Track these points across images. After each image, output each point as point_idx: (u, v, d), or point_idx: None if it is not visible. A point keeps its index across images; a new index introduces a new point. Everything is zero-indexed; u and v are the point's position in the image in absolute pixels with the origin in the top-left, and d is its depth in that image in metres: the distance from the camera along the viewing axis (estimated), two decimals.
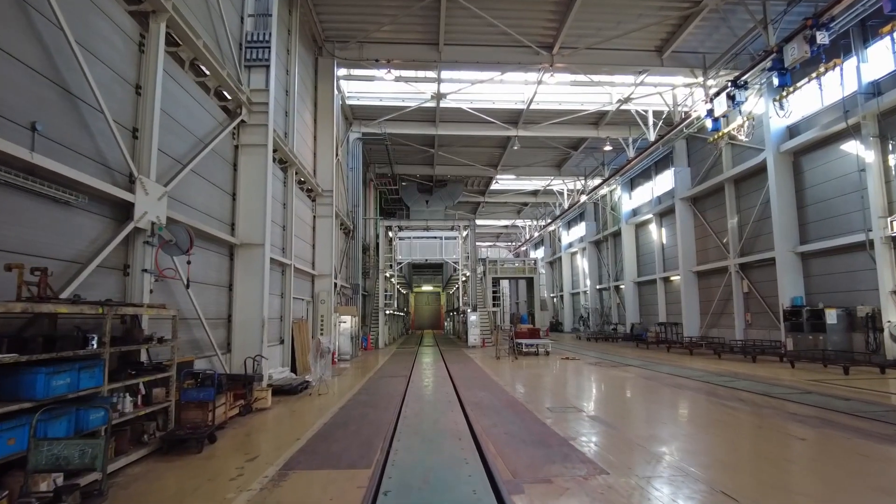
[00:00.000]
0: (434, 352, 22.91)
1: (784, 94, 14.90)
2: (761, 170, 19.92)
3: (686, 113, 21.38)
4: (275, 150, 12.97)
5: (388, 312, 28.68)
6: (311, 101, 18.03)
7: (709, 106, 18.48)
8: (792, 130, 18.55)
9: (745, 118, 17.43)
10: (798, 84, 14.54)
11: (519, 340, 19.19)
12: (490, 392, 10.15)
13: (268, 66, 11.08)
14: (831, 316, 15.93)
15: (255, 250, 10.40)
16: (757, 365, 15.32)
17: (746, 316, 21.57)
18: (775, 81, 15.02)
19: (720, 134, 18.74)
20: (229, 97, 10.14)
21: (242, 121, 10.63)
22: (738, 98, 17.03)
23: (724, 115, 18.56)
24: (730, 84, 17.07)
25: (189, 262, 7.25)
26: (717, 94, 17.90)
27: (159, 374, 6.06)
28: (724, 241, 22.86)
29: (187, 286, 7.15)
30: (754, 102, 19.09)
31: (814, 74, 13.78)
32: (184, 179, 8.34)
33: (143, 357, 6.56)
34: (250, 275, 10.33)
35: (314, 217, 17.63)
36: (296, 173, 14.79)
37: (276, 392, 10.25)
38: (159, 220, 6.96)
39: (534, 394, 10.10)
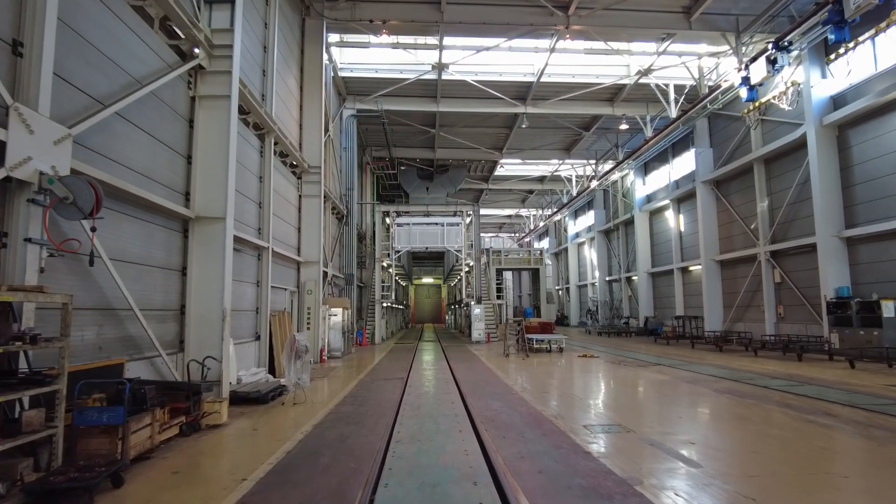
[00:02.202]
0: (435, 348, 20.98)
1: (841, 51, 12.87)
2: (799, 146, 17.89)
3: (714, 85, 19.32)
4: (248, 112, 11.06)
5: (385, 305, 26.74)
6: (296, 66, 15.98)
7: (744, 73, 16.44)
8: (836, 101, 16.46)
9: (788, 84, 15.35)
10: (860, 39, 12.49)
11: (529, 336, 17.23)
12: (505, 402, 8.20)
13: (233, 1, 9.05)
14: (888, 308, 13.96)
15: (214, 225, 8.42)
16: (806, 364, 13.37)
17: (778, 309, 19.60)
18: (831, 38, 12.92)
19: (756, 104, 16.72)
20: (181, 35, 8.12)
21: (200, 66, 8.61)
22: (779, 62, 15.02)
23: (761, 84, 16.54)
24: (770, 46, 15.04)
25: (94, 230, 5.26)
26: (755, 58, 15.87)
27: (31, 390, 4.10)
28: (752, 226, 20.85)
29: (91, 262, 5.18)
30: (791, 72, 16.99)
31: (883, 24, 11.73)
32: (108, 128, 6.36)
33: (24, 363, 4.62)
34: (208, 256, 8.36)
35: (300, 196, 15.63)
36: (275, 143, 12.79)
37: (240, 401, 8.33)
38: (55, 171, 4.98)
39: (560, 404, 8.16)
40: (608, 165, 30.79)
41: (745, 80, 16.36)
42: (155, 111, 7.58)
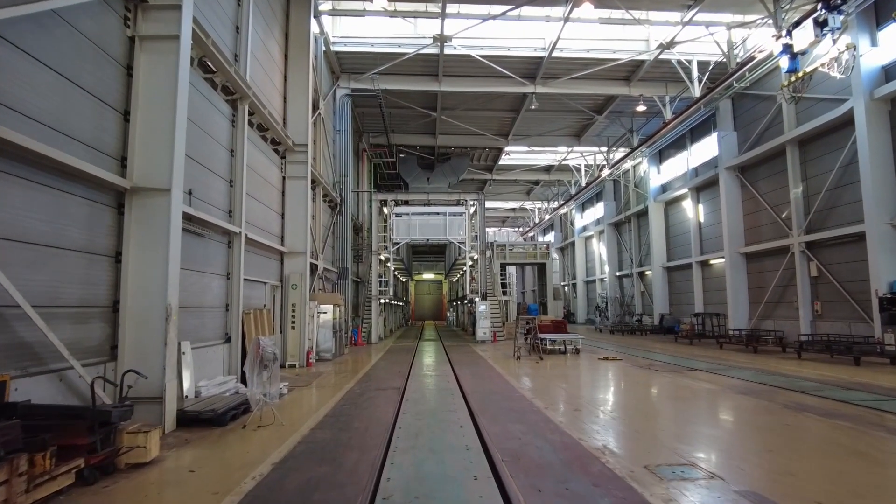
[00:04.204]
0: (437, 348, 19.19)
1: None
2: (842, 125, 16.04)
3: (746, 58, 17.41)
4: (215, 71, 9.26)
5: (383, 301, 24.93)
6: (280, 31, 14.15)
7: (785, 40, 14.55)
8: (889, 72, 14.60)
9: (844, 48, 13.45)
10: None
11: (543, 336, 15.41)
12: (529, 424, 6.39)
13: None
14: None
15: (156, 199, 6.60)
16: (868, 370, 11.54)
17: (815, 305, 17.76)
18: None
19: (799, 75, 14.82)
20: None
21: None
22: (830, 23, 13.13)
23: (804, 52, 14.68)
24: (819, 6, 13.15)
25: None
26: (799, 22, 13.98)
27: None
28: (784, 215, 18.99)
29: None
30: (838, 37, 15.08)
31: None
32: None
33: None
34: (149, 237, 6.54)
35: (283, 178, 13.81)
36: (251, 113, 10.98)
37: (190, 422, 6.52)
38: None
39: (602, 428, 6.34)
40: (620, 154, 28.92)
41: (787, 48, 14.45)
42: (71, 47, 5.76)
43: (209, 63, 9.05)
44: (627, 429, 6.32)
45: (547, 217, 45.46)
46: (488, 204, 44.86)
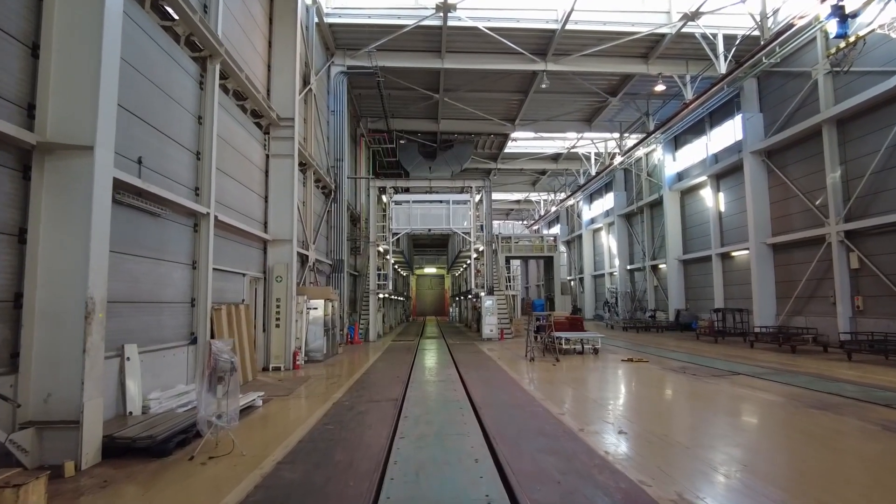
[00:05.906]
0: (440, 347, 17.63)
1: None
2: (890, 100, 14.38)
3: (784, 26, 15.74)
4: (175, 19, 7.72)
5: (381, 296, 23.37)
6: None
7: (833, 1, 12.92)
8: None
9: None
10: None
11: (558, 334, 13.83)
12: (567, 459, 4.81)
13: None
14: None
15: (75, 159, 5.03)
16: None
17: (856, 300, 16.16)
18: None
19: (850, 40, 13.16)
20: None
21: None
22: None
23: (855, 14, 13.06)
24: None
25: None
26: None
27: None
28: (819, 202, 17.35)
29: None
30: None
31: None
32: None
33: None
34: (65, 210, 4.98)
35: (267, 157, 12.22)
36: (224, 76, 9.42)
37: (121, 451, 4.98)
38: None
39: (666, 465, 4.77)
40: (633, 140, 27.26)
41: (836, 10, 12.84)
42: None
43: (166, 7, 7.47)
44: (697, 464, 4.74)
45: (553, 209, 43.83)
46: (493, 195, 43.29)
